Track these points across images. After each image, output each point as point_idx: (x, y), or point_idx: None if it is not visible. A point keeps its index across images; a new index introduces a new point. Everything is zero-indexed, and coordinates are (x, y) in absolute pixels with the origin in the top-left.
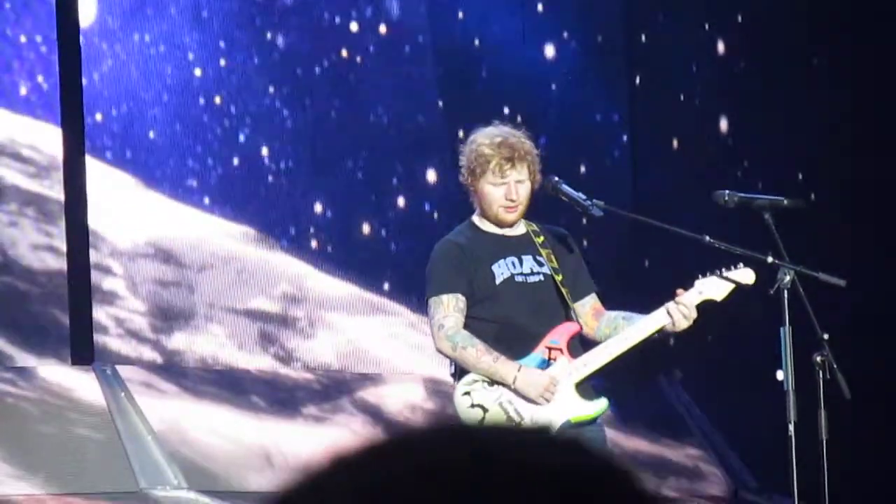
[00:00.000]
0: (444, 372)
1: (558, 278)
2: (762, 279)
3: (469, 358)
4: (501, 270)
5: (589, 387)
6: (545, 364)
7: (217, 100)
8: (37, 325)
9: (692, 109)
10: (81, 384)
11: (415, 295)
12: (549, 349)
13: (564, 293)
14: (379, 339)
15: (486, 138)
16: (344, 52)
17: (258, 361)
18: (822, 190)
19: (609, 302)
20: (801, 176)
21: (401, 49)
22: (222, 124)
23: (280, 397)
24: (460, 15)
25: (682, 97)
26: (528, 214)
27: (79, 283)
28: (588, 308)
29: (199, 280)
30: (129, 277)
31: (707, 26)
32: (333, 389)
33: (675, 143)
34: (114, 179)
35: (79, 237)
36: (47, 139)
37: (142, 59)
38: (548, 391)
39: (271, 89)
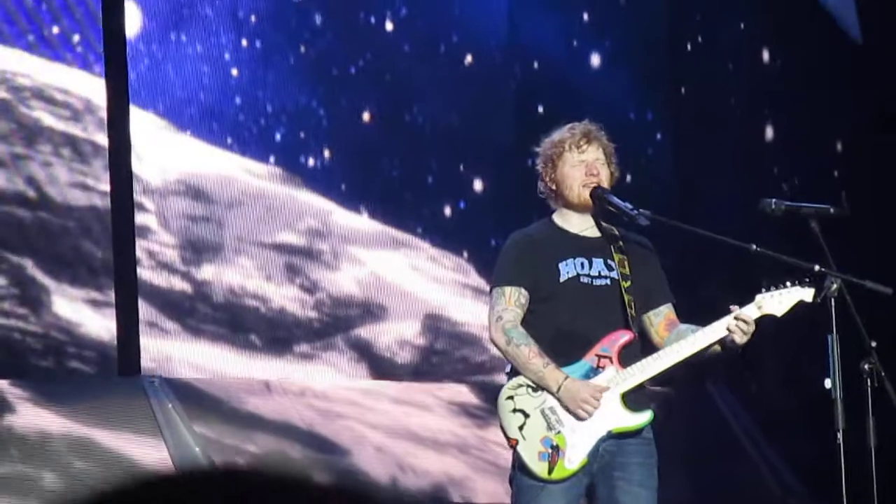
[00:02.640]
0: (452, 308)
1: (625, 285)
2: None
3: (520, 356)
4: (568, 269)
5: (636, 397)
6: (593, 372)
7: (253, 99)
8: (74, 258)
9: (737, 117)
10: (128, 395)
11: (438, 234)
12: (599, 357)
13: (627, 300)
14: (401, 271)
15: (558, 130)
16: (379, 52)
17: (284, 291)
18: (866, 198)
19: None
20: (844, 183)
21: (436, 48)
22: (258, 123)
23: None
24: (496, 15)
25: (727, 104)
26: None
27: (122, 220)
28: (662, 318)
29: (227, 216)
30: (160, 213)
31: (750, 34)
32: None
33: (719, 150)
34: (150, 124)
35: (123, 179)
36: (81, 85)
37: (178, 58)
38: (588, 404)
39: (307, 88)
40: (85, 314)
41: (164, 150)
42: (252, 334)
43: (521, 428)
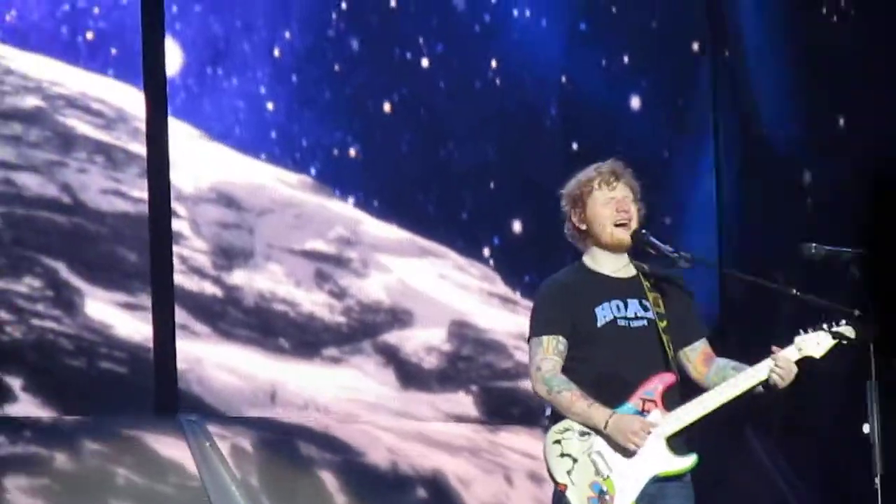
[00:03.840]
0: (478, 315)
1: (662, 325)
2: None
3: (564, 402)
4: (605, 313)
5: (680, 441)
6: (639, 415)
7: (288, 133)
8: (106, 262)
9: (777, 160)
10: (166, 434)
11: (459, 236)
12: (644, 401)
13: (665, 340)
14: (428, 278)
15: (583, 171)
16: (415, 88)
17: (314, 297)
18: None
19: None
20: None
21: (471, 84)
22: (293, 157)
23: None
24: (530, 53)
25: (764, 146)
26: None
27: (159, 228)
28: (698, 353)
29: (258, 223)
30: (192, 220)
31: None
32: (359, 332)
33: (760, 192)
34: (183, 132)
35: (160, 187)
36: (116, 94)
37: (214, 92)
38: (638, 436)
39: (342, 123)
40: (117, 317)
41: (197, 159)
42: (281, 338)
43: (569, 472)
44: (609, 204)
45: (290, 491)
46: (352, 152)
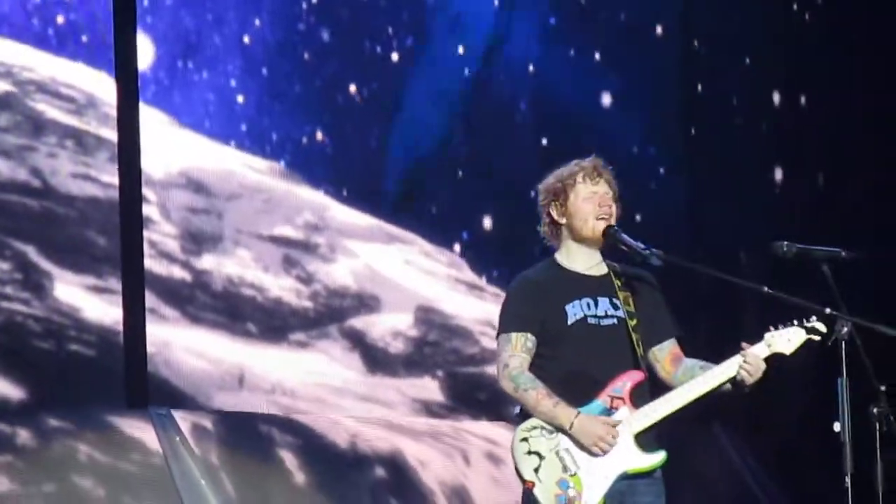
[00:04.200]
0: (442, 302)
1: (632, 323)
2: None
3: (529, 400)
4: (575, 311)
5: (649, 438)
6: (606, 413)
7: (259, 125)
8: (75, 245)
9: (748, 156)
10: (136, 428)
11: (428, 229)
12: (612, 398)
13: (635, 339)
14: (394, 264)
15: (564, 166)
16: (384, 80)
17: (281, 282)
18: (873, 239)
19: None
20: (854, 225)
21: (441, 78)
22: (263, 150)
23: None
24: (501, 47)
25: (737, 143)
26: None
27: (129, 213)
28: (666, 353)
29: (227, 208)
30: (161, 204)
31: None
32: (326, 317)
33: (731, 192)
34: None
35: (131, 173)
36: (86, 79)
37: (185, 85)
38: (603, 440)
39: (312, 116)
40: (86, 300)
41: (167, 144)
42: (249, 322)
43: (536, 470)
44: (591, 198)
45: (249, 467)
46: (320, 142)
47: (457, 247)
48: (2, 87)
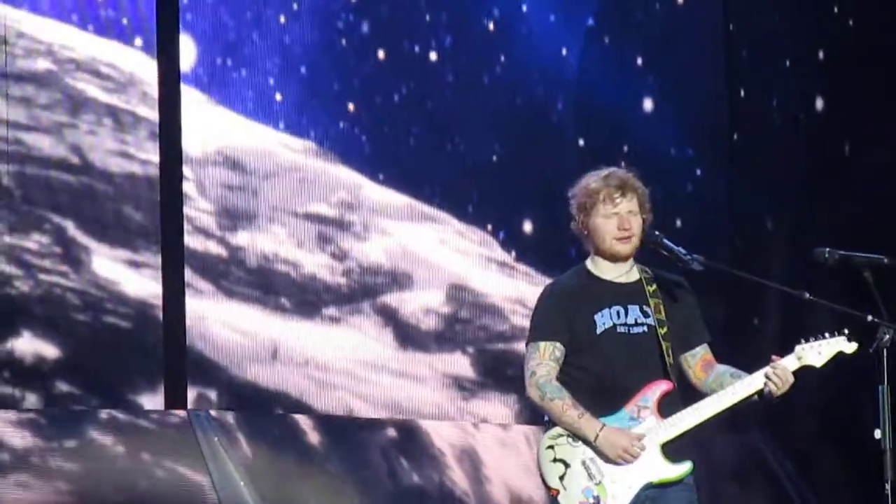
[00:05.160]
0: (476, 279)
1: (662, 331)
2: (863, 337)
3: (555, 410)
4: (604, 320)
5: (676, 448)
6: (632, 422)
7: (297, 124)
8: (112, 221)
9: (792, 163)
10: (176, 428)
11: (463, 208)
12: (639, 408)
13: (665, 347)
14: (428, 243)
15: (593, 175)
16: (423, 80)
17: (315, 259)
18: None
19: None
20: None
21: (479, 79)
22: (300, 132)
23: None
24: (538, 48)
25: (781, 150)
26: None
27: (170, 189)
28: (698, 359)
29: (262, 186)
30: (198, 181)
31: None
32: (359, 293)
33: (773, 196)
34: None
35: (172, 151)
36: (126, 59)
37: (224, 85)
38: (628, 452)
39: (350, 113)
40: (123, 273)
41: (205, 122)
42: (282, 297)
43: (561, 478)
44: (611, 219)
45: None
46: (360, 143)
47: (489, 226)
48: (42, 65)
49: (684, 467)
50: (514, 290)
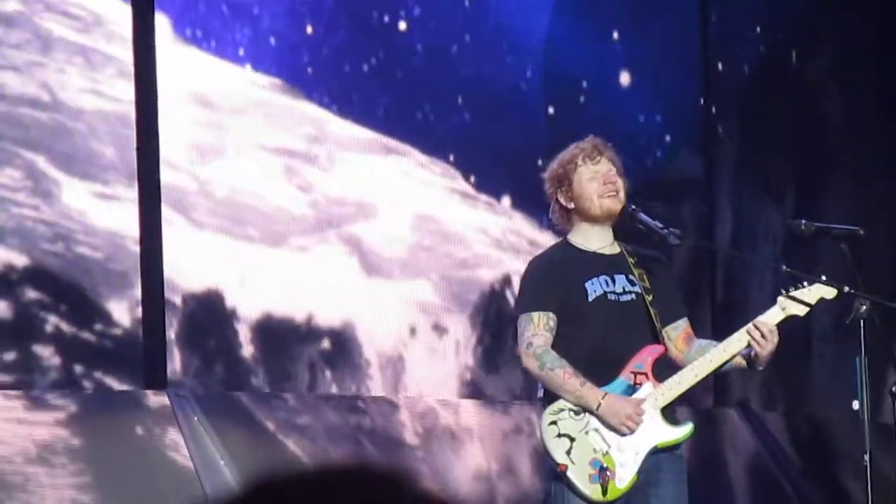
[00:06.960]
0: (437, 209)
1: (649, 298)
2: (838, 309)
3: (556, 379)
4: (594, 288)
5: (674, 411)
6: (631, 390)
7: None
8: (84, 155)
9: (766, 135)
10: (154, 408)
11: (427, 141)
12: (635, 374)
13: (653, 314)
14: (392, 175)
15: (565, 150)
16: (392, 51)
17: (282, 190)
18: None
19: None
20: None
21: (448, 49)
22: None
23: None
24: (503, 17)
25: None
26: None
27: (146, 126)
28: (680, 332)
29: (230, 121)
30: (167, 116)
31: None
32: (325, 223)
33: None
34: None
35: (146, 89)
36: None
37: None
38: (631, 420)
39: (319, 85)
40: (94, 206)
41: (175, 60)
42: (250, 227)
43: (568, 452)
44: (595, 178)
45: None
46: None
47: (451, 157)
48: (12, 6)
49: (686, 429)
50: (477, 218)
